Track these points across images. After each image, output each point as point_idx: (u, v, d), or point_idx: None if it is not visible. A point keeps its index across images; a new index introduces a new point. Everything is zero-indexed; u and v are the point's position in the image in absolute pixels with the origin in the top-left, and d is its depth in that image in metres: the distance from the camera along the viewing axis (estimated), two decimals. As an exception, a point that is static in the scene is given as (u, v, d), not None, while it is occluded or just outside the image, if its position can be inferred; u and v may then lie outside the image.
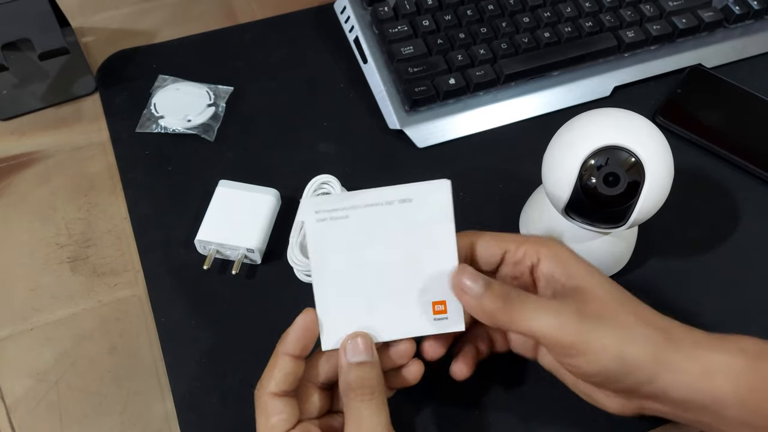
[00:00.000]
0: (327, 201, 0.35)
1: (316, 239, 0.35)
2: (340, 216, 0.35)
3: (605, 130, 0.38)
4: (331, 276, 0.35)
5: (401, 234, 0.35)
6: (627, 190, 0.38)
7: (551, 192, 0.40)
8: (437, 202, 0.35)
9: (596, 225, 0.40)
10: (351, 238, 0.35)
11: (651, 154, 0.38)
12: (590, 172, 0.38)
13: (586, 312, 0.33)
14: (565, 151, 0.39)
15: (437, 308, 0.36)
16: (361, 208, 0.35)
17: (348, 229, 0.35)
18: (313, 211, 0.35)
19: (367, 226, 0.35)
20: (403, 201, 0.35)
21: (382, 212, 0.35)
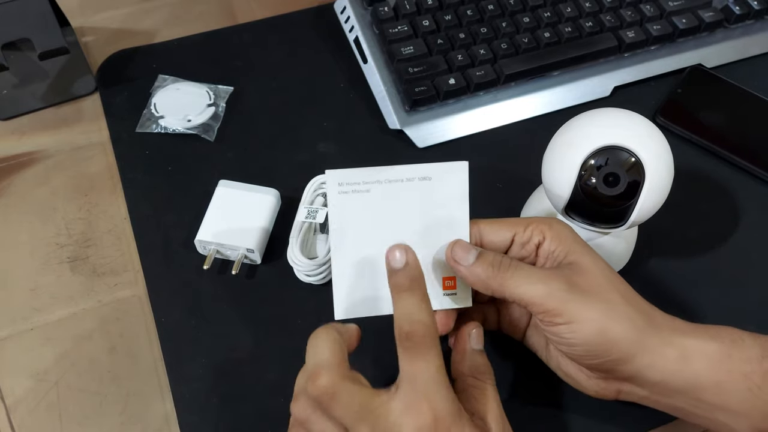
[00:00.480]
0: (350, 174, 0.36)
1: (338, 210, 0.36)
2: (362, 189, 0.36)
3: (605, 130, 0.38)
4: (348, 247, 0.37)
5: (418, 210, 0.37)
6: (627, 190, 0.37)
7: (551, 192, 0.40)
8: (455, 182, 0.37)
9: (596, 225, 0.40)
10: (370, 211, 0.36)
11: (651, 154, 0.38)
12: (590, 172, 0.38)
13: (576, 283, 0.35)
14: (565, 151, 0.39)
15: (447, 284, 0.37)
16: (382, 183, 0.36)
17: (368, 202, 0.36)
18: (336, 183, 0.36)
19: (387, 200, 0.36)
20: (422, 179, 0.37)
21: (402, 188, 0.36)
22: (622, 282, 0.36)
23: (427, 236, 0.37)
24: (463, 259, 0.36)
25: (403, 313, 0.33)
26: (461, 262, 0.36)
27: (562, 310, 0.34)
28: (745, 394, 0.34)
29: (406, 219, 0.37)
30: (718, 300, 0.46)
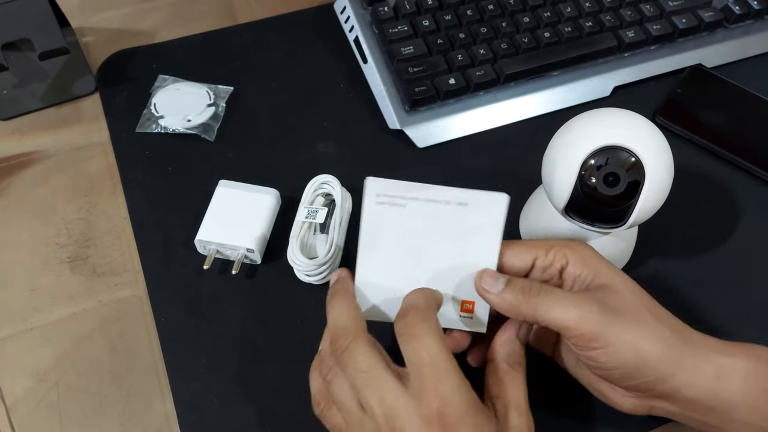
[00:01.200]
0: (390, 186, 0.36)
1: (371, 219, 0.37)
2: (399, 203, 0.37)
3: (605, 130, 0.38)
4: (375, 254, 0.37)
5: (450, 233, 0.37)
6: (627, 190, 0.37)
7: (551, 192, 0.40)
8: (492, 212, 0.37)
9: (596, 225, 0.40)
10: (403, 225, 0.37)
11: (651, 154, 0.38)
12: (590, 172, 0.38)
13: (609, 306, 0.34)
14: (565, 151, 0.39)
15: (465, 307, 0.38)
16: (420, 200, 0.37)
17: (403, 216, 0.37)
18: (375, 192, 0.37)
19: (421, 218, 0.37)
20: (459, 204, 0.37)
21: (438, 209, 0.37)
22: (651, 300, 0.36)
23: (454, 258, 0.37)
24: (492, 286, 0.36)
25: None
26: (490, 290, 0.36)
27: (597, 334, 0.33)
28: None
29: (437, 239, 0.37)
30: (719, 300, 0.46)
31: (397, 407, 0.31)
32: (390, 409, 0.31)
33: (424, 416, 0.31)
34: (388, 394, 0.32)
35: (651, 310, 0.35)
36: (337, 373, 0.34)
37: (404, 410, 0.31)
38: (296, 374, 0.42)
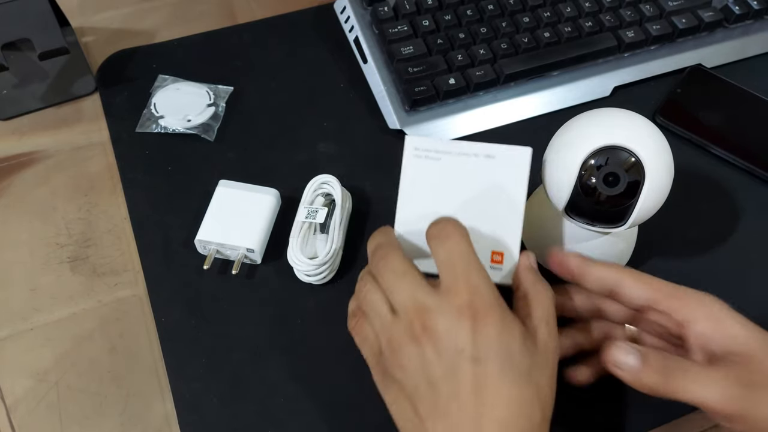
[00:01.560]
0: (426, 142, 0.40)
1: (410, 171, 0.40)
2: (434, 157, 0.40)
3: (605, 130, 0.38)
4: (413, 203, 0.40)
5: (480, 183, 0.40)
6: (627, 190, 0.38)
7: (551, 192, 0.40)
8: (517, 164, 0.39)
9: (596, 225, 0.40)
10: (438, 176, 0.40)
11: (651, 154, 0.38)
12: (590, 172, 0.38)
13: (751, 381, 0.33)
14: (565, 151, 0.39)
15: (495, 258, 0.39)
16: (452, 154, 0.40)
17: (437, 168, 0.40)
18: (413, 147, 0.40)
19: (454, 169, 0.40)
20: (487, 156, 0.40)
21: (468, 162, 0.40)
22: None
23: (484, 208, 0.39)
24: (625, 364, 0.35)
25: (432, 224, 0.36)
26: (623, 368, 0.35)
27: (740, 412, 0.32)
28: None
29: (468, 188, 0.40)
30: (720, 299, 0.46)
31: (429, 303, 0.33)
32: (422, 305, 0.33)
33: (455, 306, 0.32)
34: (419, 292, 0.33)
35: None
36: (372, 285, 0.36)
37: (436, 305, 0.33)
38: (296, 374, 0.42)
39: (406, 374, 0.33)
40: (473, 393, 0.32)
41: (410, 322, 0.33)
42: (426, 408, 0.32)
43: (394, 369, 0.34)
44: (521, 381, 0.32)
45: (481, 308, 0.32)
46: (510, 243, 0.39)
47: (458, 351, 0.32)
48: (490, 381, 0.32)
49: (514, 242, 0.39)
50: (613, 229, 0.40)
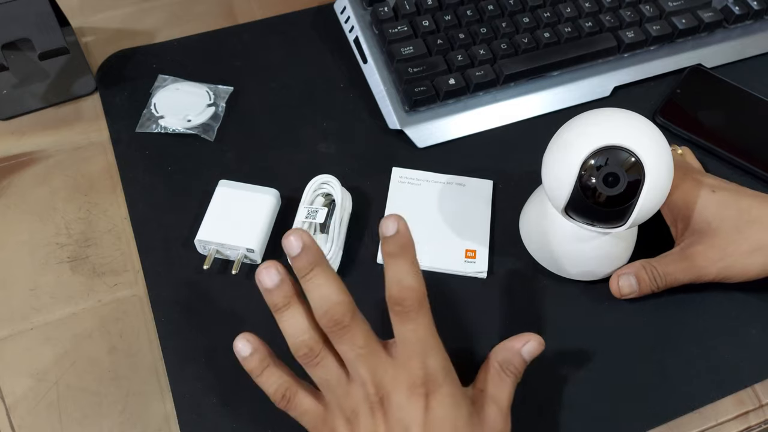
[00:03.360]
0: (408, 172, 0.51)
1: (395, 193, 0.50)
2: (415, 183, 0.50)
3: (605, 131, 0.38)
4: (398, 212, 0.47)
5: (454, 201, 0.49)
6: (627, 190, 0.38)
7: (551, 192, 0.40)
8: (483, 190, 0.50)
9: (596, 225, 0.40)
10: (418, 196, 0.50)
11: (651, 154, 0.38)
12: (590, 172, 0.38)
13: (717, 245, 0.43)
14: (565, 151, 0.39)
15: (468, 254, 0.47)
16: (429, 182, 0.50)
17: (418, 191, 0.50)
18: (398, 176, 0.51)
19: (431, 192, 0.50)
20: (459, 184, 0.50)
21: (443, 188, 0.50)
22: None
23: (458, 217, 0.49)
24: (629, 293, 0.44)
25: (393, 278, 0.35)
26: (629, 295, 0.45)
27: (720, 273, 0.43)
28: None
29: (443, 205, 0.49)
30: (719, 300, 0.46)
31: (386, 379, 0.34)
32: (380, 380, 0.34)
33: (409, 385, 0.34)
34: (379, 367, 0.35)
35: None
36: (324, 355, 0.36)
37: (392, 381, 0.34)
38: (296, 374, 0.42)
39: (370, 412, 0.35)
40: None
41: (367, 394, 0.35)
42: None
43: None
44: None
45: (432, 387, 0.34)
46: (481, 242, 0.47)
47: (407, 427, 0.34)
48: None
49: (484, 242, 0.47)
50: (613, 229, 0.40)
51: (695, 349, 0.44)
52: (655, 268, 0.44)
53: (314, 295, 0.35)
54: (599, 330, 0.45)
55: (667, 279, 0.44)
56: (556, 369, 0.43)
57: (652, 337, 0.45)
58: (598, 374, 0.43)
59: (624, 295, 0.45)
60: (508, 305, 0.45)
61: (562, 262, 0.45)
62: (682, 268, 0.43)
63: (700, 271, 0.43)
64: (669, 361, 0.44)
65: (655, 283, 0.44)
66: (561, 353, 0.44)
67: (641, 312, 0.45)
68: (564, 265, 0.45)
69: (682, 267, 0.43)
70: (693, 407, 0.42)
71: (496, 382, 0.38)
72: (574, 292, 0.46)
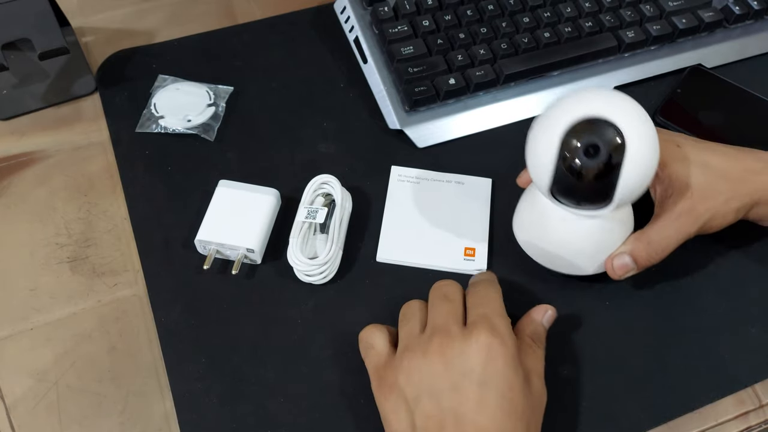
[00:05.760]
0: (407, 171, 0.51)
1: (394, 191, 0.50)
2: (414, 181, 0.51)
3: (583, 104, 0.38)
4: (396, 214, 0.49)
5: (453, 199, 0.50)
6: (609, 160, 0.37)
7: (535, 173, 0.40)
8: (481, 187, 0.51)
9: (583, 206, 0.40)
10: (417, 195, 0.50)
11: (631, 123, 0.37)
12: (570, 147, 0.37)
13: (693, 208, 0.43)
14: (545, 128, 0.39)
15: (468, 252, 0.47)
16: (429, 180, 0.51)
17: (417, 189, 0.50)
18: (397, 174, 0.51)
19: (430, 190, 0.50)
20: (457, 182, 0.51)
21: (442, 186, 0.50)
22: None
23: (457, 215, 0.49)
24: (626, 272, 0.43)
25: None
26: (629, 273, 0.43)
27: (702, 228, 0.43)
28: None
29: (442, 203, 0.49)
30: (719, 300, 0.46)
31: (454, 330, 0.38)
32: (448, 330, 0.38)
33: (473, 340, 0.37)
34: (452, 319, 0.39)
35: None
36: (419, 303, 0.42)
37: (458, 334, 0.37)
38: (296, 374, 0.42)
39: (410, 382, 0.36)
40: (474, 411, 0.35)
41: (430, 338, 0.37)
42: (422, 419, 0.35)
43: (399, 375, 0.37)
44: (515, 416, 0.35)
45: (495, 347, 0.36)
46: (480, 240, 0.48)
47: (466, 372, 0.36)
48: (490, 405, 0.35)
49: (483, 240, 0.48)
50: (600, 209, 0.39)
51: (695, 349, 0.44)
52: (650, 236, 0.43)
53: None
54: (599, 329, 0.45)
55: (662, 244, 0.43)
56: (555, 368, 0.43)
57: (652, 337, 0.44)
58: (598, 374, 0.43)
59: (620, 276, 0.43)
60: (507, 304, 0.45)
61: (555, 256, 0.44)
62: (676, 228, 0.43)
63: (691, 227, 0.43)
64: (669, 361, 0.44)
65: (653, 251, 0.43)
66: (560, 353, 0.44)
67: (641, 311, 0.45)
68: (557, 258, 0.44)
69: (676, 226, 0.43)
70: (693, 407, 0.42)
71: (530, 354, 0.39)
72: (573, 291, 0.46)
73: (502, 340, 0.37)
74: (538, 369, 0.39)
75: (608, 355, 0.44)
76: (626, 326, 0.45)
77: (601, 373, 0.43)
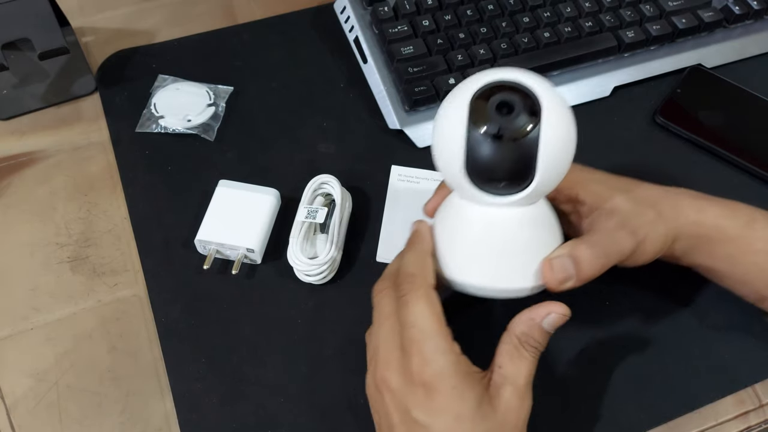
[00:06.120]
0: (407, 171, 0.51)
1: (393, 191, 0.51)
2: (413, 181, 0.51)
3: (491, 74, 0.35)
4: (395, 214, 0.49)
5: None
6: (525, 119, 0.33)
7: (446, 154, 0.35)
8: None
9: (503, 187, 0.35)
10: (417, 195, 0.50)
11: (544, 89, 0.34)
12: (482, 107, 0.33)
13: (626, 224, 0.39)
14: (451, 99, 0.35)
15: None
16: (428, 179, 0.51)
17: (417, 189, 0.51)
18: (397, 174, 0.51)
19: (430, 190, 0.45)
20: None
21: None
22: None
23: None
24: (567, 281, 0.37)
25: None
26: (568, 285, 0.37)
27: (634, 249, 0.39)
28: (750, 267, 0.40)
29: None
30: (719, 299, 0.46)
31: (391, 359, 0.35)
32: (387, 360, 0.35)
33: (408, 371, 0.34)
34: (390, 344, 0.35)
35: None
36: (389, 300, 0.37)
37: (396, 363, 0.35)
38: (296, 374, 0.42)
39: (375, 412, 0.37)
40: None
41: (374, 370, 0.36)
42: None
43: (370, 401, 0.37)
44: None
45: (430, 378, 0.34)
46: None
47: (407, 410, 0.34)
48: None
49: None
50: (523, 190, 0.35)
51: (695, 349, 0.44)
52: (589, 241, 0.38)
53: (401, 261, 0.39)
54: (599, 330, 0.45)
55: (602, 252, 0.38)
56: (555, 369, 0.43)
57: (652, 337, 0.45)
58: (598, 374, 0.43)
59: (559, 281, 0.37)
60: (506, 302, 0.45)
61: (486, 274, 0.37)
62: (613, 240, 0.38)
63: (627, 242, 0.38)
64: (669, 361, 0.44)
65: (595, 257, 0.37)
66: (560, 353, 0.44)
67: (641, 311, 0.45)
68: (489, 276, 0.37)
69: (613, 239, 0.38)
70: (693, 407, 0.42)
71: (514, 358, 0.35)
72: (573, 291, 0.46)
73: (434, 369, 0.34)
74: (517, 377, 0.35)
75: (608, 355, 0.44)
76: (626, 326, 0.45)
77: (601, 373, 0.43)
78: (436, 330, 0.35)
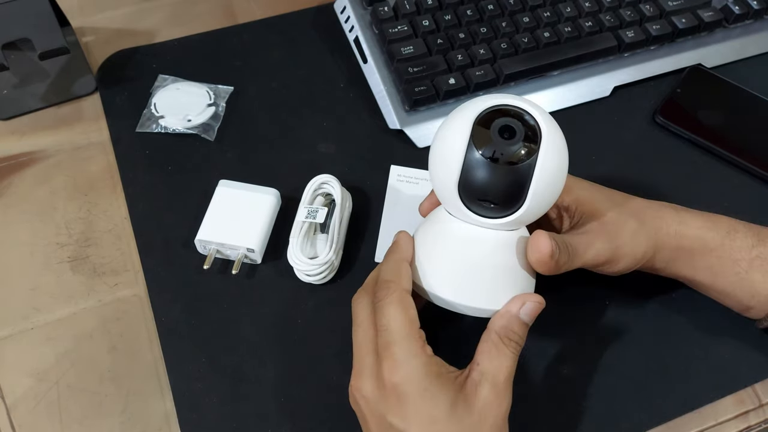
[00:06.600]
0: (407, 170, 0.51)
1: (392, 191, 0.50)
2: (412, 181, 0.51)
3: (492, 99, 0.36)
4: (395, 214, 0.49)
5: None
6: (525, 143, 0.34)
7: (441, 172, 0.36)
8: None
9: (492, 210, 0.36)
10: (417, 195, 0.50)
11: (542, 115, 0.35)
12: (483, 131, 0.35)
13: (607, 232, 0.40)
14: (454, 119, 0.36)
15: None
16: (428, 180, 0.50)
17: (416, 189, 0.50)
18: (396, 174, 0.51)
19: (429, 190, 0.45)
20: None
21: None
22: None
23: None
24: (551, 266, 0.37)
25: None
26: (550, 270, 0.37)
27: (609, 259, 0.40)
28: (732, 278, 0.41)
29: None
30: (718, 300, 0.46)
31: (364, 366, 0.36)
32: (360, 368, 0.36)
33: (380, 377, 0.35)
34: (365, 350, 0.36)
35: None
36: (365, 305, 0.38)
37: (369, 370, 0.36)
38: (296, 374, 0.42)
39: (359, 419, 0.37)
40: None
41: (351, 379, 0.37)
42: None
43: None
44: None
45: (400, 382, 0.34)
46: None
47: (382, 416, 0.35)
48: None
49: None
50: (511, 215, 0.36)
51: (695, 349, 0.44)
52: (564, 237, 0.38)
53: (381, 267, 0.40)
54: (599, 329, 0.45)
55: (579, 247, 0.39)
56: (555, 368, 0.43)
57: (652, 337, 0.45)
58: (598, 374, 0.43)
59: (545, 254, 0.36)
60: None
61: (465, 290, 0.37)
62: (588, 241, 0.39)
63: (604, 244, 0.39)
64: (669, 361, 0.44)
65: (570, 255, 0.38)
66: (560, 353, 0.44)
67: (641, 311, 0.45)
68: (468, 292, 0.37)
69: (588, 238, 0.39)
70: (693, 407, 0.42)
71: (493, 354, 0.35)
72: (573, 291, 0.46)
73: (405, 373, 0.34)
74: (496, 373, 0.35)
75: (608, 355, 0.44)
76: (626, 326, 0.45)
77: (601, 373, 0.43)
78: (406, 333, 0.35)
